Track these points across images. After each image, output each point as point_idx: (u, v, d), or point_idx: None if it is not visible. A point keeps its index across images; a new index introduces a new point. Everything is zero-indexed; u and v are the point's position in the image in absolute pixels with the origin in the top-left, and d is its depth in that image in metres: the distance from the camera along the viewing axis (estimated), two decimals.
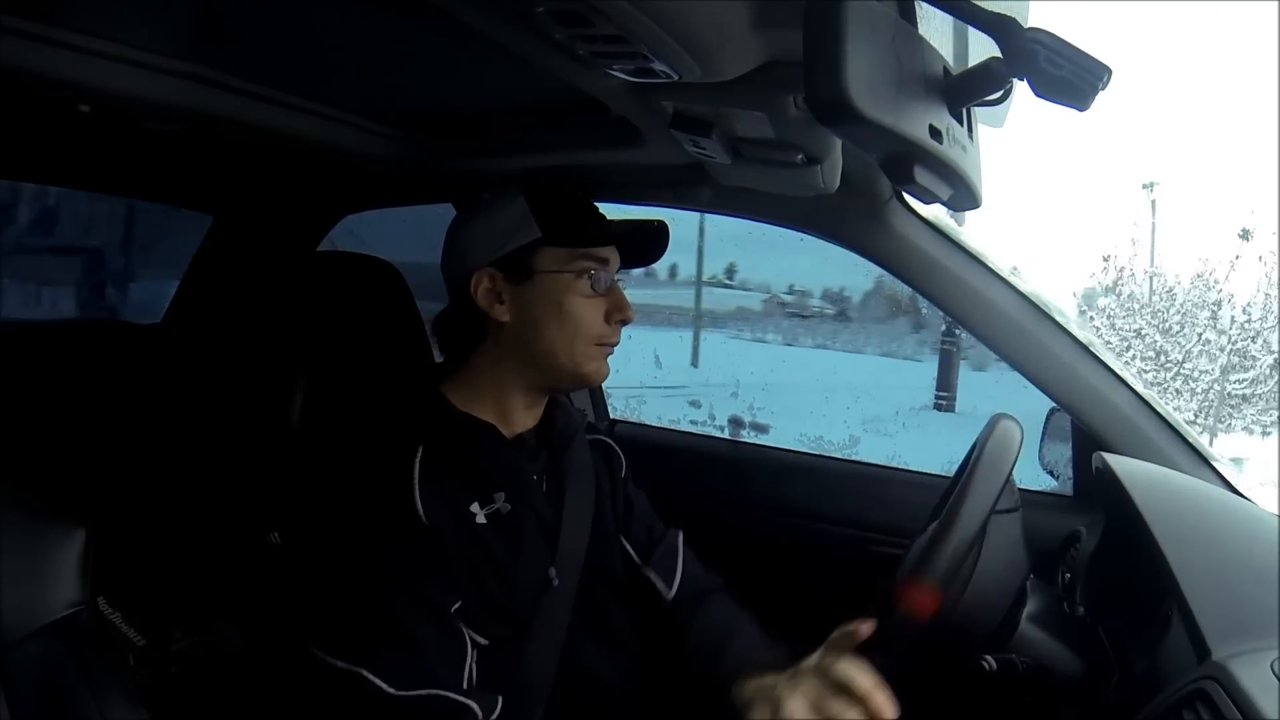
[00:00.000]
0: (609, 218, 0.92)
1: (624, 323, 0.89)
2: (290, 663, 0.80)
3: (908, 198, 1.03)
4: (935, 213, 1.04)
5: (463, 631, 0.78)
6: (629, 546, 0.99)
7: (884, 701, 0.71)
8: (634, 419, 1.65)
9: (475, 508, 0.82)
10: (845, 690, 0.72)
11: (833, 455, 1.49)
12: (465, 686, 0.77)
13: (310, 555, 0.81)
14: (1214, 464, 1.00)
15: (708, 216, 1.09)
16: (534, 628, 0.83)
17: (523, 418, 0.90)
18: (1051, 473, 1.21)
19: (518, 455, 0.88)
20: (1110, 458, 0.92)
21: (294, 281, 1.12)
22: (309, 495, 0.83)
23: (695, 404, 7.03)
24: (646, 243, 0.94)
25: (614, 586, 0.93)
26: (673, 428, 1.67)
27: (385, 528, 0.77)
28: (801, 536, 1.28)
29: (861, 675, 0.72)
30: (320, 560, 0.79)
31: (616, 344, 0.90)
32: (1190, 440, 1.01)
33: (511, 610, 0.82)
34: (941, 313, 1.08)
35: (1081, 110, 0.49)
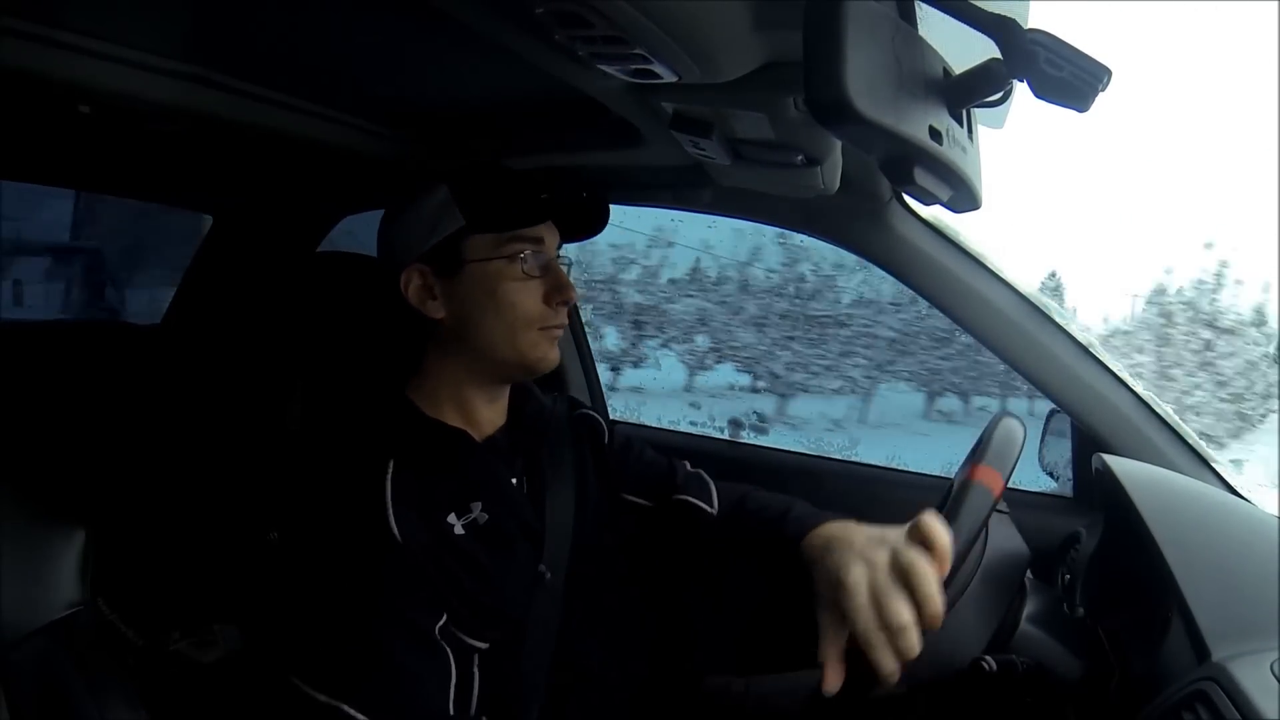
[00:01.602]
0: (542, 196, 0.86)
1: (565, 303, 0.84)
2: (284, 667, 0.79)
3: (908, 199, 1.03)
4: (935, 214, 1.04)
5: (445, 650, 0.75)
6: (639, 499, 0.95)
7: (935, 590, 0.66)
8: (633, 420, 1.65)
9: (453, 519, 0.79)
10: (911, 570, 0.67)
11: (833, 456, 1.48)
12: (451, 710, 0.74)
13: (292, 580, 0.78)
14: (1214, 465, 1.00)
15: None
16: (528, 624, 0.82)
17: (488, 414, 0.87)
18: (1051, 474, 1.21)
19: (491, 461, 0.85)
20: (1110, 459, 0.92)
21: (294, 282, 1.12)
22: (290, 518, 0.80)
23: None
24: (584, 216, 0.90)
25: (607, 575, 0.91)
26: (671, 428, 1.66)
27: (360, 554, 0.74)
28: None
29: (941, 534, 0.67)
30: (299, 587, 0.76)
31: (562, 325, 0.86)
32: (1190, 441, 1.01)
33: (503, 614, 0.80)
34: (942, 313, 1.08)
35: (1081, 111, 0.49)
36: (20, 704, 0.59)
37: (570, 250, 0.91)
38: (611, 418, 1.56)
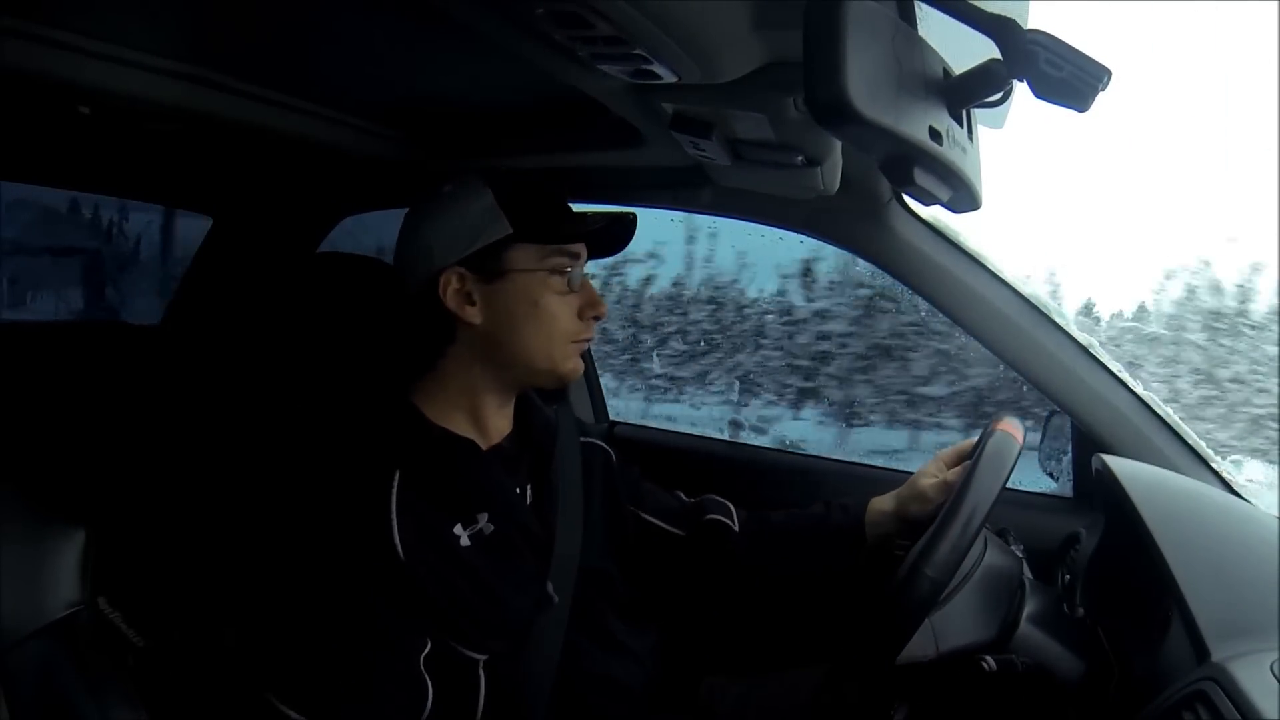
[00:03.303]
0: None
1: (597, 318, 0.85)
2: (259, 680, 0.77)
3: (908, 199, 1.03)
4: (935, 214, 1.04)
5: (424, 680, 0.75)
6: (653, 519, 1.00)
7: None
8: (633, 420, 1.65)
9: (458, 530, 0.79)
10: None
11: (833, 456, 1.49)
12: None
13: (283, 586, 0.77)
14: (1213, 465, 1.00)
15: None
16: (531, 640, 0.82)
17: (497, 421, 0.87)
18: (1051, 474, 1.21)
19: (498, 470, 0.85)
20: (1109, 459, 0.92)
21: (294, 282, 1.12)
22: (288, 521, 0.79)
23: None
24: (617, 235, 0.91)
25: (607, 589, 0.92)
26: (672, 428, 1.66)
27: (360, 574, 0.73)
28: None
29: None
30: (289, 595, 0.75)
31: (590, 339, 0.87)
32: (1189, 441, 1.01)
33: (504, 627, 0.80)
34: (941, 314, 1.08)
35: (1081, 111, 0.49)
36: (20, 704, 0.59)
37: None
38: (612, 418, 1.58)
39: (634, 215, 0.91)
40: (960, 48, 0.55)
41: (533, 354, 0.83)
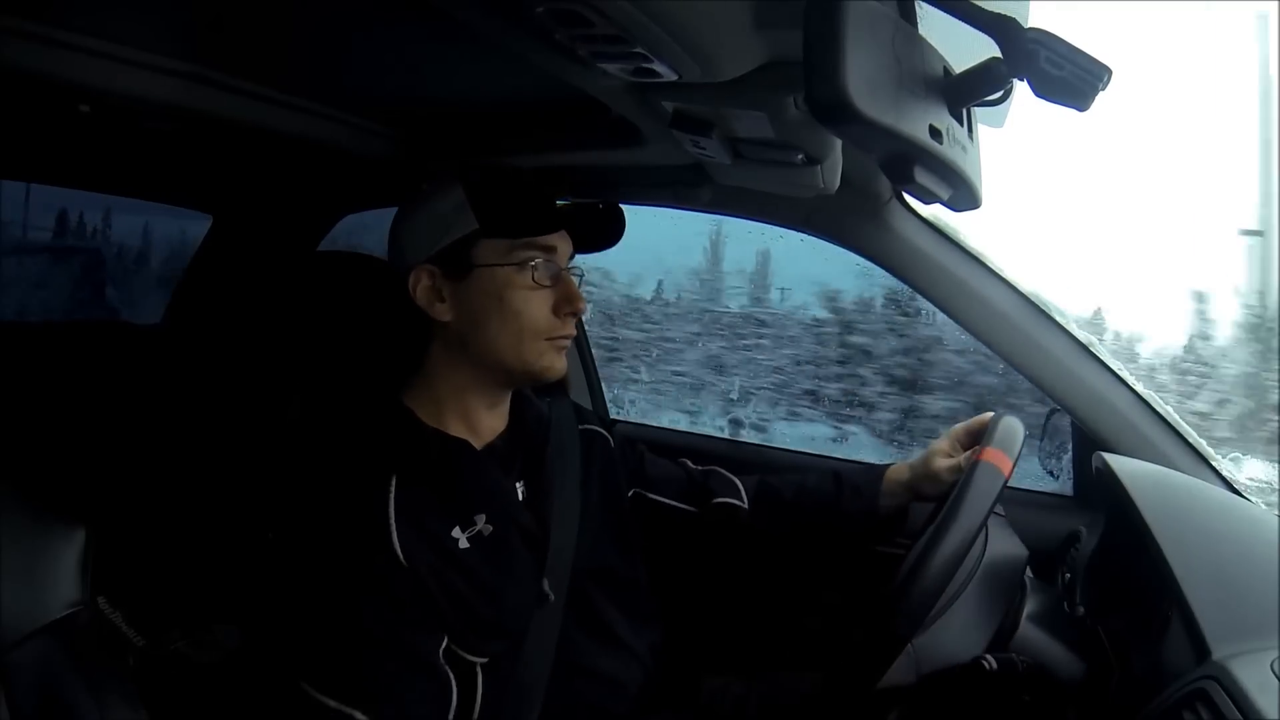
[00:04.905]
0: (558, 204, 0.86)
1: (574, 315, 0.83)
2: (291, 672, 0.79)
3: (908, 198, 1.03)
4: (935, 213, 1.04)
5: (446, 673, 0.75)
6: (663, 499, 1.01)
7: None
8: (634, 419, 1.65)
9: (456, 532, 0.78)
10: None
11: (833, 455, 1.48)
12: None
13: (294, 591, 0.77)
14: (1214, 464, 1.00)
15: None
16: (528, 637, 0.82)
17: (489, 420, 0.86)
18: (1051, 473, 1.21)
19: (493, 469, 0.84)
20: (1110, 458, 0.92)
21: (294, 281, 1.12)
22: (289, 525, 0.79)
23: None
24: (600, 227, 0.89)
25: (608, 584, 0.91)
26: (672, 428, 1.66)
27: (364, 577, 0.74)
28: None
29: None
30: (303, 599, 0.76)
31: (570, 336, 0.85)
32: (1190, 440, 1.01)
33: (503, 627, 0.80)
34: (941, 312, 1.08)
35: (1081, 110, 0.49)
36: (20, 704, 0.59)
37: None
38: (612, 416, 1.58)
39: (615, 206, 0.90)
40: (961, 46, 0.55)
41: (501, 351, 0.81)
